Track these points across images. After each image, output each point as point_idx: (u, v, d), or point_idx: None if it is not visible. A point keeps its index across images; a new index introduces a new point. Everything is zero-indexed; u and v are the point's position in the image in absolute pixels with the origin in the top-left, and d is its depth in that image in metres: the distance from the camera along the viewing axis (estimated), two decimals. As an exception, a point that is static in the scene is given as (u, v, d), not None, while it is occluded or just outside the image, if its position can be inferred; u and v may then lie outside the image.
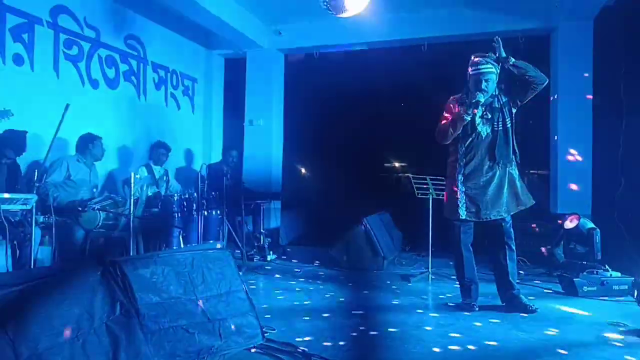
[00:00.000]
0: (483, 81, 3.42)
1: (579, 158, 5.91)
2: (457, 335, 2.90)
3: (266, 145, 7.35)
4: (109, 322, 2.02)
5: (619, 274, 3.96)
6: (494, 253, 3.60)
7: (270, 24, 7.17)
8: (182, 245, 4.57)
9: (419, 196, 4.77)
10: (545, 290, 4.20)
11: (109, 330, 1.99)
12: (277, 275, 4.81)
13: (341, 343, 2.71)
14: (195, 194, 4.85)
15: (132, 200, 3.92)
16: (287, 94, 7.68)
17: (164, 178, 5.70)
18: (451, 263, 4.04)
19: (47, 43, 4.97)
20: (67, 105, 3.75)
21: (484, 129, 3.52)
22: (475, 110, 3.44)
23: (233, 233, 5.18)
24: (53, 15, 5.04)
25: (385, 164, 9.31)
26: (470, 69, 3.50)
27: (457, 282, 3.73)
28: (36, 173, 3.34)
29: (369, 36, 6.72)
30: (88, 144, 4.69)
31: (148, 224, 4.67)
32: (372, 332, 2.94)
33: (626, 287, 3.87)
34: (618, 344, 2.79)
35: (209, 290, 2.53)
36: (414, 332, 2.97)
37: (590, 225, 4.80)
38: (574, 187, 5.90)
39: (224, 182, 5.03)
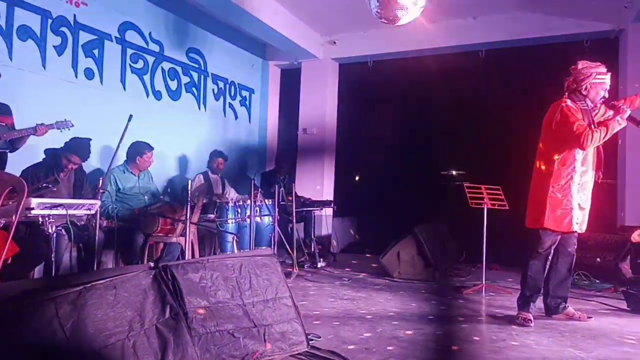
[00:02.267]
0: (606, 91, 3.34)
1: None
2: (511, 350, 2.79)
3: (319, 154, 7.43)
4: (159, 324, 2.11)
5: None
6: (558, 263, 3.48)
7: (324, 34, 7.26)
8: (235, 251, 4.70)
9: (473, 206, 4.64)
10: (609, 307, 3.96)
11: (159, 332, 2.08)
12: (327, 283, 4.83)
13: (387, 353, 2.69)
14: (249, 201, 4.98)
15: (188, 206, 4.08)
16: (340, 102, 7.73)
17: (220, 185, 5.90)
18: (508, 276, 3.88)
19: (115, 57, 5.31)
20: (131, 116, 3.97)
21: None
22: None
23: (284, 240, 5.26)
24: (121, 31, 5.37)
25: (442, 172, 9.14)
26: (594, 76, 3.31)
27: (521, 294, 3.53)
28: (100, 181, 3.56)
29: (424, 43, 6.63)
30: (135, 155, 4.67)
31: (203, 229, 4.84)
32: (420, 344, 2.89)
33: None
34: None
35: (255, 295, 2.59)
36: (464, 345, 2.89)
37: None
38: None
39: (276, 190, 5.14)
